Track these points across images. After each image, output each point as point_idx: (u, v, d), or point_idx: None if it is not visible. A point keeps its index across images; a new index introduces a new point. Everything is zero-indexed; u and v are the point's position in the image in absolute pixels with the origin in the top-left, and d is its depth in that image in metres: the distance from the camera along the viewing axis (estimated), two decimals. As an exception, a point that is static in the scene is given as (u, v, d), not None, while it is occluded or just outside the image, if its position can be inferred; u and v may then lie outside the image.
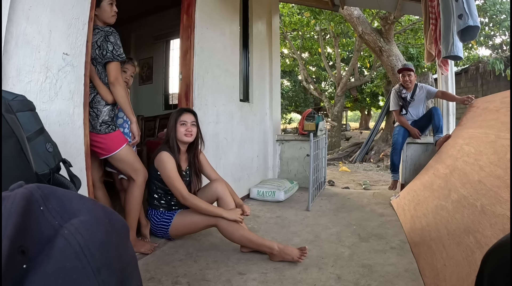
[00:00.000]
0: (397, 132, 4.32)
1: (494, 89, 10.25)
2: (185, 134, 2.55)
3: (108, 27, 2.25)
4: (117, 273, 0.49)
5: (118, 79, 2.22)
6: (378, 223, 3.16)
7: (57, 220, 0.48)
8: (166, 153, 2.50)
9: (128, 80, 2.74)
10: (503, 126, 2.41)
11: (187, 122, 2.56)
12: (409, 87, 4.31)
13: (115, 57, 2.19)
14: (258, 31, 4.86)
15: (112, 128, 2.31)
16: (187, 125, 2.56)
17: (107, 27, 2.25)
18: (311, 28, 13.38)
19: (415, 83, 4.35)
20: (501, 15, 10.38)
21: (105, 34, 2.20)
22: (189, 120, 2.57)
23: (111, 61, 2.19)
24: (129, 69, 2.73)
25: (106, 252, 0.49)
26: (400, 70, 4.43)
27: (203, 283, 2.03)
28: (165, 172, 2.46)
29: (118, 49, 2.21)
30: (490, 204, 1.81)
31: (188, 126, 2.56)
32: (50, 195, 0.50)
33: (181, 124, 2.56)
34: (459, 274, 1.64)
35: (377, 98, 18.55)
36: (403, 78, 4.31)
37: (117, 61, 2.22)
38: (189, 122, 2.56)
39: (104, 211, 0.56)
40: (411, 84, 4.29)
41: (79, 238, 0.46)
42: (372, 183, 6.18)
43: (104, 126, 2.26)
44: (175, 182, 2.44)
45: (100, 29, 2.22)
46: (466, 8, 3.01)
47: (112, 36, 2.21)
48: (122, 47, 2.25)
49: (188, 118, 2.57)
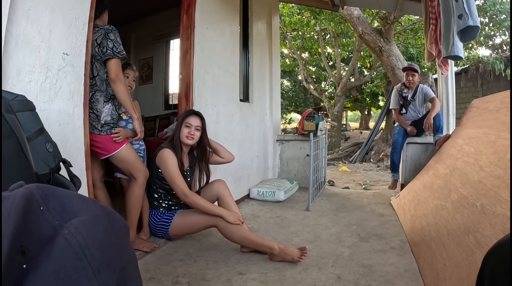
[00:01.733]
0: (397, 131, 4.33)
1: (494, 89, 10.26)
2: (187, 136, 2.55)
3: (108, 25, 2.25)
4: (117, 273, 0.49)
5: (119, 76, 2.20)
6: (378, 223, 3.16)
7: (57, 220, 0.48)
8: (168, 150, 2.50)
9: (131, 84, 2.73)
10: (503, 126, 2.41)
11: (192, 125, 2.57)
12: (411, 87, 4.34)
13: (115, 54, 2.18)
14: (258, 31, 4.86)
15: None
16: (191, 128, 2.56)
17: (107, 25, 2.25)
18: (311, 28, 13.38)
19: (417, 84, 4.37)
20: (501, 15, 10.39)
21: (105, 32, 2.19)
22: (194, 124, 2.57)
23: (111, 58, 2.18)
24: (130, 74, 2.72)
25: (106, 252, 0.49)
26: (405, 68, 4.46)
27: (203, 283, 2.03)
28: (167, 168, 2.46)
29: (118, 46, 2.19)
30: (490, 204, 1.81)
31: (191, 129, 2.56)
32: (50, 195, 0.50)
33: (185, 125, 2.57)
34: (459, 274, 1.64)
35: (377, 98, 18.54)
36: (406, 77, 4.33)
37: (118, 58, 2.20)
38: (193, 125, 2.57)
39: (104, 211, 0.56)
40: (413, 84, 4.32)
41: (79, 238, 0.46)
42: (372, 183, 6.18)
43: (106, 128, 2.25)
44: (176, 179, 2.44)
45: (100, 27, 2.21)
46: (466, 8, 3.00)
47: (112, 33, 2.20)
48: (122, 45, 2.24)
49: (193, 122, 2.58)
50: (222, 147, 2.83)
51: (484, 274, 0.67)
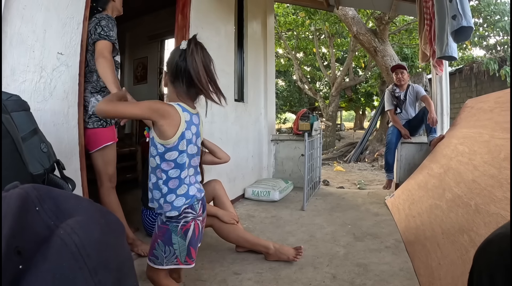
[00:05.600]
0: (391, 131, 4.36)
1: (488, 89, 10.34)
2: None
3: (104, 14, 2.18)
4: (113, 273, 0.49)
5: (103, 53, 2.05)
6: (373, 223, 3.17)
7: (52, 220, 0.48)
8: None
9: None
10: (497, 126, 2.43)
11: None
12: (402, 85, 4.42)
13: (101, 37, 2.07)
14: (253, 31, 4.86)
15: (103, 124, 2.20)
16: None
17: (104, 14, 2.18)
18: (306, 28, 13.40)
19: (408, 83, 4.42)
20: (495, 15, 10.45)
21: (98, 20, 2.12)
22: None
23: (98, 40, 2.08)
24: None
25: (102, 252, 0.49)
26: (393, 68, 4.54)
27: (198, 283, 2.02)
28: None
29: (107, 30, 2.09)
30: (484, 203, 1.82)
31: None
32: (46, 195, 0.50)
33: None
34: (454, 273, 1.65)
35: (371, 98, 18.60)
36: (396, 76, 4.43)
37: (104, 40, 2.08)
38: None
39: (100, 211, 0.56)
40: (404, 82, 4.40)
41: (75, 238, 0.46)
42: (367, 182, 6.20)
43: (93, 119, 2.16)
44: None
45: (96, 17, 2.15)
46: (460, 9, 3.03)
47: (104, 20, 2.12)
48: (114, 31, 2.14)
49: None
50: (218, 148, 2.81)
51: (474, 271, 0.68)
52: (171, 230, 1.46)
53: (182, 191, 1.45)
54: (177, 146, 1.40)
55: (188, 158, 1.46)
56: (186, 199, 1.46)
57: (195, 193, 1.50)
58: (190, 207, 1.47)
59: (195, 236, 1.48)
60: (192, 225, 1.47)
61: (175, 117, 1.40)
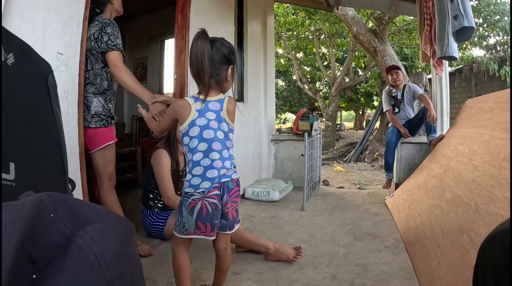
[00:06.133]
0: (391, 131, 4.37)
1: (488, 89, 10.34)
2: None
3: (107, 19, 2.19)
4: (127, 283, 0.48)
5: (117, 66, 2.12)
6: (373, 223, 3.17)
7: (68, 228, 0.46)
8: (163, 151, 2.50)
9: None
10: (496, 126, 2.43)
11: None
12: (398, 85, 4.47)
13: (109, 47, 2.11)
14: (253, 31, 4.86)
15: (105, 124, 2.22)
16: None
17: (107, 19, 2.19)
18: (306, 28, 13.39)
19: (404, 83, 4.45)
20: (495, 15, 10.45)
21: (103, 26, 2.13)
22: None
23: (107, 51, 2.11)
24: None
25: (119, 263, 0.47)
26: (388, 69, 4.60)
27: (198, 283, 2.02)
28: (158, 169, 2.46)
29: (114, 39, 2.12)
30: (484, 203, 1.82)
31: None
32: (61, 202, 0.48)
33: None
34: (454, 273, 1.65)
35: (371, 98, 18.61)
36: (391, 77, 4.49)
37: (113, 51, 2.12)
38: None
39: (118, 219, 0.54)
40: (399, 82, 4.45)
41: (94, 249, 0.44)
42: (367, 182, 6.21)
43: (96, 119, 2.18)
44: (165, 180, 2.44)
45: (99, 21, 2.17)
46: (461, 9, 3.02)
47: (110, 27, 2.14)
48: (119, 39, 2.17)
49: None
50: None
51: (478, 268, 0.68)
52: (183, 203, 1.59)
53: (198, 172, 1.56)
54: (187, 132, 1.57)
55: (205, 142, 1.57)
56: (203, 180, 1.55)
57: (215, 176, 1.57)
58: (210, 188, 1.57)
59: (202, 213, 1.55)
60: (199, 203, 1.55)
61: (186, 109, 1.59)
